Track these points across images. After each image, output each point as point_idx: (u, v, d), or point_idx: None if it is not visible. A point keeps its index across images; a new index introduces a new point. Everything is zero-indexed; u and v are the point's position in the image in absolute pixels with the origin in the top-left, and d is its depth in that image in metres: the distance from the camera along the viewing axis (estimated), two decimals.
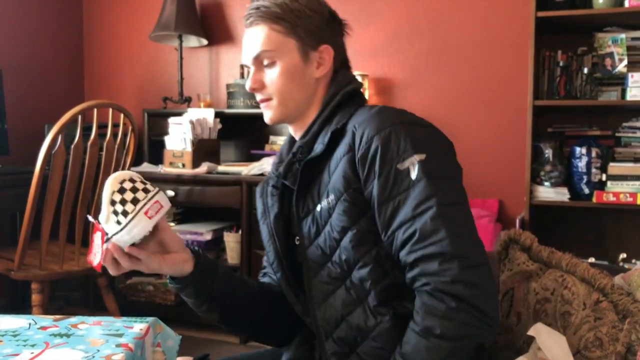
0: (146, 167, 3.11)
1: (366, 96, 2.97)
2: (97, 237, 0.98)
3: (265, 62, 1.12)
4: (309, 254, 1.09)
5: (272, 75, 1.12)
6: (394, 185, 0.97)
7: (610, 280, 1.06)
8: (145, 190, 0.99)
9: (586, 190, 2.57)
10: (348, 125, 1.07)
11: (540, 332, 0.97)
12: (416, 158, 0.96)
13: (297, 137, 1.18)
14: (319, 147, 1.08)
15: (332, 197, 1.05)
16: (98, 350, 0.90)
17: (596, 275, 1.06)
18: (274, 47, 1.11)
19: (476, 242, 0.94)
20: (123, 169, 2.49)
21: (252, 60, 1.13)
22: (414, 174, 0.96)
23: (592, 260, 2.43)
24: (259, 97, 1.16)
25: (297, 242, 1.12)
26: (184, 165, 2.93)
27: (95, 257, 0.98)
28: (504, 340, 1.16)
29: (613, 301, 1.03)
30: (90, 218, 1.02)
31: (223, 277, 1.13)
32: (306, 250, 1.09)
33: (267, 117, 1.17)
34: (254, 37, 1.12)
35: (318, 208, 1.07)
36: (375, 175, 0.99)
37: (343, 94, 1.13)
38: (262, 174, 2.75)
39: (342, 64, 1.19)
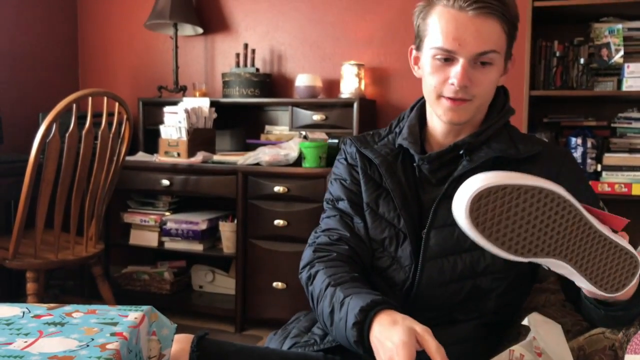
0: (141, 156, 3.10)
1: (362, 86, 2.96)
2: None
3: (485, 61, 1.04)
4: (436, 236, 1.08)
5: (483, 77, 1.05)
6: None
7: None
8: None
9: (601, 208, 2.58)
10: (542, 148, 1.11)
11: (536, 321, 0.98)
12: (602, 204, 1.16)
13: (444, 129, 1.14)
14: (511, 151, 1.09)
15: None
16: (92, 339, 0.89)
17: None
18: (500, 49, 1.05)
19: None
20: (118, 158, 2.48)
21: (472, 54, 1.02)
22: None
23: None
24: (457, 94, 1.05)
25: (423, 234, 1.09)
26: (179, 155, 2.92)
27: None
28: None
29: None
30: None
31: None
32: (432, 230, 1.08)
33: (456, 119, 1.09)
34: (483, 30, 1.01)
35: None
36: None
37: (512, 113, 1.17)
38: (257, 164, 2.75)
39: None
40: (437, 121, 1.14)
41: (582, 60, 2.60)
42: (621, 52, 2.54)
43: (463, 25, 1.01)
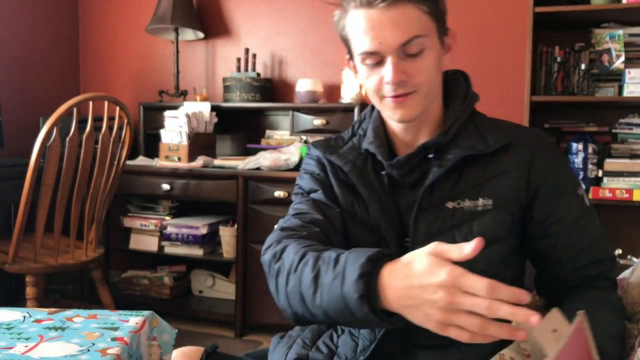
0: (141, 160, 3.10)
1: (363, 91, 2.96)
2: None
3: (413, 50, 0.97)
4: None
5: (419, 65, 0.98)
6: (579, 208, 1.06)
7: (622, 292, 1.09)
8: None
9: (582, 186, 2.57)
10: (513, 137, 1.06)
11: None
12: (583, 188, 1.09)
13: (406, 130, 1.08)
14: (480, 146, 1.03)
15: (488, 201, 1.01)
16: (93, 344, 0.89)
17: (628, 304, 1.09)
18: (425, 32, 0.97)
19: None
20: (118, 162, 2.48)
21: (396, 47, 0.96)
22: (587, 201, 1.08)
23: None
24: (397, 91, 0.99)
25: (406, 243, 1.03)
26: (179, 159, 2.92)
27: None
28: None
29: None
30: None
31: None
32: (416, 246, 0.96)
33: (406, 115, 1.02)
34: (399, 19, 0.95)
35: (450, 205, 1.01)
36: (562, 199, 1.04)
37: (477, 99, 1.12)
38: (257, 168, 2.74)
39: None
40: (393, 122, 1.09)
41: (583, 66, 2.60)
42: (622, 58, 2.54)
43: (377, 21, 0.95)
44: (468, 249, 0.72)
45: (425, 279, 0.73)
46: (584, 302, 1.00)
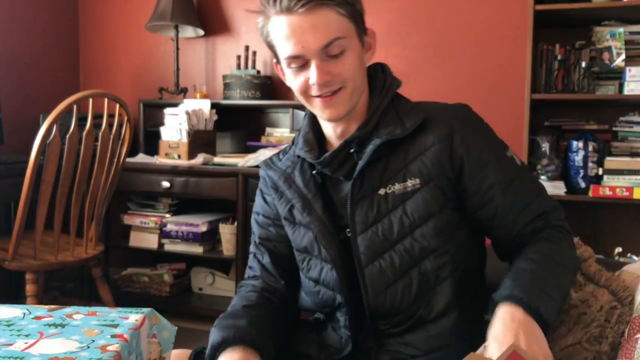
0: (141, 157, 3.10)
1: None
2: None
3: (334, 51, 1.02)
4: (363, 241, 1.06)
5: (342, 64, 1.03)
6: (509, 171, 1.07)
7: (631, 292, 1.08)
8: None
9: (582, 185, 2.57)
10: (430, 115, 1.09)
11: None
12: (511, 150, 1.10)
13: (336, 127, 1.12)
14: (397, 130, 1.07)
15: (415, 181, 1.05)
16: (93, 341, 0.89)
17: (620, 288, 1.08)
18: (344, 33, 1.02)
19: None
20: (118, 159, 2.47)
21: (317, 50, 1.01)
22: (518, 161, 1.10)
23: None
24: (322, 90, 1.05)
25: (348, 233, 1.08)
26: (179, 157, 2.92)
27: None
28: None
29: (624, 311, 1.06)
30: None
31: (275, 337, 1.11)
32: (357, 237, 1.06)
33: (335, 112, 1.07)
34: (318, 24, 1.00)
35: (382, 192, 1.06)
36: (490, 164, 1.05)
37: (397, 86, 1.15)
38: (257, 166, 2.73)
39: None
40: (324, 121, 1.14)
41: (583, 64, 2.59)
42: (622, 56, 2.54)
43: (298, 26, 1.00)
44: None
45: None
46: (526, 257, 1.02)
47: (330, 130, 1.14)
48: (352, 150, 1.09)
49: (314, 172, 1.14)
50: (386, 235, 1.04)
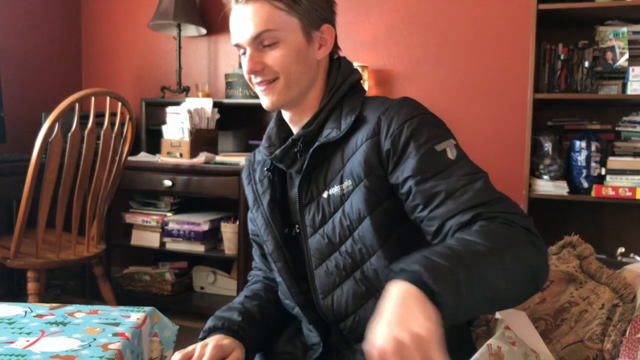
0: (143, 156, 3.10)
1: (366, 88, 2.96)
2: None
3: (267, 42, 1.05)
4: (312, 243, 1.07)
5: (275, 55, 1.05)
6: (434, 164, 0.99)
7: (633, 290, 1.07)
8: None
9: (585, 184, 2.57)
10: (366, 113, 1.06)
11: (504, 313, 0.98)
12: (452, 142, 1.02)
13: (292, 123, 1.14)
14: (333, 133, 1.06)
15: (348, 182, 1.04)
16: (94, 339, 0.89)
17: (622, 285, 1.07)
18: (277, 26, 1.04)
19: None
20: (120, 158, 2.47)
21: (249, 40, 1.05)
22: (452, 155, 1.00)
23: None
24: (258, 79, 1.08)
25: (297, 231, 1.11)
26: (181, 155, 2.91)
27: None
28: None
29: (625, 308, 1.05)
30: None
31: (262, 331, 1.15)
32: (308, 239, 1.07)
33: (269, 102, 1.09)
34: (252, 15, 1.04)
35: (325, 195, 1.06)
36: (411, 156, 0.99)
37: (350, 84, 1.11)
38: None
39: (335, 47, 1.14)
40: (284, 113, 1.16)
41: (586, 64, 2.59)
42: (626, 56, 2.54)
43: (240, 16, 1.06)
44: None
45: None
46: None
47: (291, 125, 1.16)
48: (296, 150, 1.10)
49: (265, 168, 1.16)
50: (330, 238, 1.05)
